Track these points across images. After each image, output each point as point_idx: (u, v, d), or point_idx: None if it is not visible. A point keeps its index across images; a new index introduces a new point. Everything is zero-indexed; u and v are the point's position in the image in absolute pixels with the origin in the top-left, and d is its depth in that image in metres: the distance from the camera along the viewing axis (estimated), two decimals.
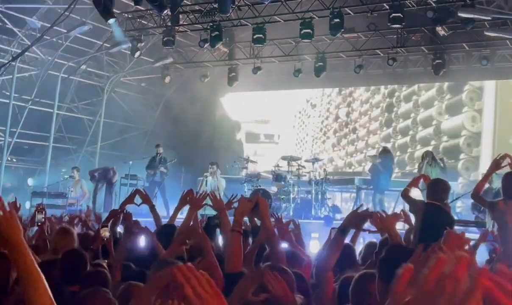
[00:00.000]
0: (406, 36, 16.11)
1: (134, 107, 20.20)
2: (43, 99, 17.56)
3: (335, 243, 3.62)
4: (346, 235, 3.67)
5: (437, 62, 15.80)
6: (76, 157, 19.24)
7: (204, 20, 15.91)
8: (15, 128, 17.12)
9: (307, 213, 14.29)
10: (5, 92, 16.79)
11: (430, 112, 17.27)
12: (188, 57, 19.10)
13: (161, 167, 16.02)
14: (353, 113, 18.76)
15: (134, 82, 20.29)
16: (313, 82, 17.92)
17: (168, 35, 16.18)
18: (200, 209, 5.63)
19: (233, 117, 20.76)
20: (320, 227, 12.02)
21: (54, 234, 5.59)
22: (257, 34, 15.58)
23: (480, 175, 11.71)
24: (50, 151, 17.87)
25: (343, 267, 4.25)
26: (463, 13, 13.18)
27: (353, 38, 16.63)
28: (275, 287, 3.03)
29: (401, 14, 13.59)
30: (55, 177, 17.17)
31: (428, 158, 13.50)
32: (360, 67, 16.81)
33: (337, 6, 14.20)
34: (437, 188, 6.42)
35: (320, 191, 14.51)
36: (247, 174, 15.74)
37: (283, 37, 16.99)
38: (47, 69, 17.36)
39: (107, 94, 19.47)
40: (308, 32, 14.88)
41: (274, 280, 3.06)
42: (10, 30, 15.63)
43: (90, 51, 17.89)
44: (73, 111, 19.17)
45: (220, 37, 15.80)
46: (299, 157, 15.61)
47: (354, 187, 15.13)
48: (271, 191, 15.02)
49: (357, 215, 3.68)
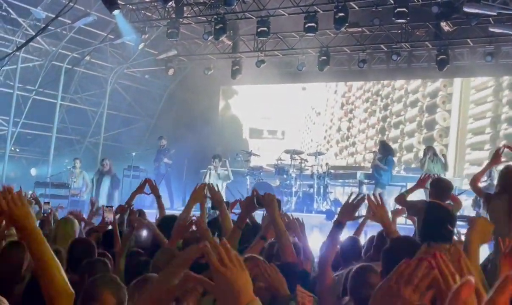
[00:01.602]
0: (410, 31, 16.08)
1: (138, 98, 20.24)
2: (47, 89, 17.58)
3: (332, 237, 3.68)
4: (342, 229, 3.70)
5: (441, 57, 15.76)
6: (79, 148, 19.28)
7: (209, 12, 15.92)
8: (19, 118, 17.16)
9: (309, 207, 14.34)
10: (9, 82, 16.82)
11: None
12: (192, 50, 19.09)
13: (165, 158, 16.09)
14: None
15: (138, 74, 20.30)
16: (316, 76, 17.91)
17: (172, 27, 16.19)
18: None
19: (236, 111, 20.76)
20: (322, 221, 12.09)
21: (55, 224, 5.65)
22: (261, 27, 15.58)
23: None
24: (54, 141, 17.91)
25: (348, 260, 4.28)
26: (468, 9, 13.15)
27: (357, 32, 16.61)
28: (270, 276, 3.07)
29: (406, 9, 13.58)
30: (58, 167, 17.22)
31: (430, 153, 13.49)
32: (364, 62, 16.79)
33: (341, 0, 14.19)
34: (440, 187, 6.44)
35: (322, 185, 14.54)
36: (250, 167, 15.78)
37: (287, 30, 16.98)
38: (51, 60, 17.39)
39: (111, 86, 19.49)
40: (312, 26, 14.87)
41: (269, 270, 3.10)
42: (15, 20, 15.65)
43: (94, 42, 17.90)
44: (77, 102, 19.20)
45: (224, 30, 15.80)
46: (302, 151, 15.62)
47: (356, 181, 15.14)
48: (273, 184, 15.07)
49: (348, 205, 3.73)
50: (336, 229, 3.67)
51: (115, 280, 3.05)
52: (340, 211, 3.78)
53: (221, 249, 1.64)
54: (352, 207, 3.72)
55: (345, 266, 4.05)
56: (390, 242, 3.69)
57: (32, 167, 17.68)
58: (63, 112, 18.61)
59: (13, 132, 17.04)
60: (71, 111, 18.99)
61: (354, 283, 3.29)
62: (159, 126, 19.51)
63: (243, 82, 18.94)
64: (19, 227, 2.23)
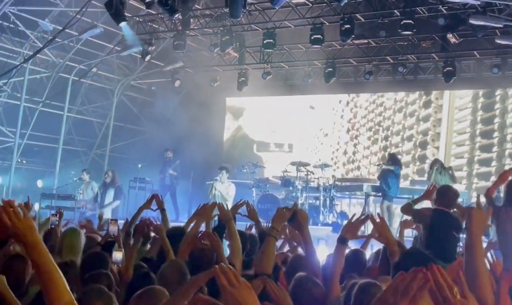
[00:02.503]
0: (416, 43, 16.07)
1: (144, 110, 20.28)
2: (53, 101, 17.65)
3: (337, 253, 3.73)
4: (345, 244, 3.76)
5: (448, 69, 15.73)
6: (86, 160, 19.32)
7: (215, 24, 15.97)
8: (26, 130, 17.21)
9: (315, 219, 14.25)
10: (17, 93, 16.90)
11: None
12: (198, 61, 19.14)
13: (170, 170, 16.07)
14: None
15: (144, 86, 20.36)
16: (322, 88, 17.90)
17: (178, 39, 16.24)
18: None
19: (243, 124, 20.77)
20: (328, 233, 12.02)
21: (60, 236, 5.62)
22: (267, 39, 15.62)
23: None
24: (60, 153, 17.95)
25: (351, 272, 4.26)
26: (474, 21, 13.13)
27: (364, 44, 16.62)
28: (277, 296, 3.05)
29: (412, 20, 13.57)
30: (64, 179, 17.24)
31: (437, 165, 13.43)
32: (370, 74, 16.79)
33: (347, 12, 14.21)
34: (446, 195, 6.40)
35: (328, 197, 14.48)
36: (256, 179, 15.74)
37: (293, 42, 17.00)
38: (58, 72, 17.48)
39: (117, 97, 19.56)
40: (319, 38, 14.89)
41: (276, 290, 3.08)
42: (22, 32, 15.74)
43: (100, 54, 17.98)
44: (83, 114, 19.26)
45: (231, 42, 15.84)
46: (308, 163, 15.57)
47: (362, 194, 15.05)
48: (279, 196, 15.01)
49: (351, 224, 3.78)
50: (340, 245, 3.71)
51: (104, 291, 3.09)
52: (343, 229, 3.82)
53: (230, 272, 1.87)
54: (355, 226, 3.76)
55: (347, 279, 4.03)
56: (400, 256, 3.67)
57: (39, 179, 17.69)
58: (69, 124, 18.67)
59: (20, 143, 17.09)
60: (78, 123, 19.05)
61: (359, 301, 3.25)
62: (164, 138, 19.52)
63: (249, 93, 18.96)
64: (22, 241, 2.20)
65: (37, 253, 2.18)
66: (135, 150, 19.58)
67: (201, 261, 4.26)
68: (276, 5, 13.19)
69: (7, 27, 15.53)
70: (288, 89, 18.93)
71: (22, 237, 2.18)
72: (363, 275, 4.34)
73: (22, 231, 2.17)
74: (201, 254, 4.42)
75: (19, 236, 2.18)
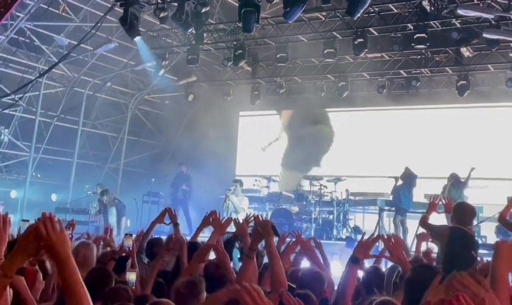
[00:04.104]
0: (430, 57, 16.03)
1: (158, 124, 20.36)
2: (68, 115, 17.80)
3: (349, 273, 3.75)
4: (358, 264, 3.78)
5: (462, 83, 15.65)
6: (100, 174, 19.39)
7: (228, 38, 16.04)
8: (41, 144, 17.35)
9: (329, 234, 14.18)
10: (32, 108, 17.05)
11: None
12: (212, 76, 19.22)
13: (183, 185, 16.09)
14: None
15: (158, 100, 20.46)
16: (335, 102, 17.88)
17: (192, 53, 16.33)
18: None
19: (256, 137, 20.75)
20: (342, 248, 11.93)
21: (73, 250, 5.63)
22: (280, 53, 15.66)
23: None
24: (74, 167, 18.05)
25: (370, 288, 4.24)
26: (488, 34, 13.08)
27: (377, 58, 16.60)
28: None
29: (425, 34, 13.54)
30: (78, 193, 17.33)
31: (453, 179, 13.35)
32: (383, 87, 16.75)
33: (360, 26, 14.22)
34: (464, 213, 6.34)
35: (342, 211, 14.40)
36: (269, 193, 15.70)
37: (306, 56, 17.02)
38: (73, 86, 17.63)
39: (131, 112, 19.67)
40: (331, 52, 14.91)
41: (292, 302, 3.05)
42: (38, 47, 15.91)
43: (115, 68, 18.13)
44: (98, 128, 19.39)
45: (244, 56, 15.89)
46: (321, 177, 15.51)
47: (376, 208, 14.94)
48: (292, 210, 14.96)
49: (362, 244, 3.81)
50: (352, 264, 3.73)
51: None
52: (355, 248, 3.83)
53: (252, 291, 1.96)
54: (367, 246, 3.76)
55: (367, 295, 4.01)
56: (411, 272, 3.65)
57: (53, 193, 17.80)
58: (84, 138, 18.79)
59: (35, 157, 17.22)
60: (92, 137, 19.17)
61: None
62: (178, 152, 19.58)
63: (262, 107, 18.98)
64: (54, 255, 2.21)
65: (68, 270, 2.19)
66: (149, 164, 19.63)
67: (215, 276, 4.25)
68: (289, 20, 13.21)
69: (23, 42, 15.71)
70: (301, 103, 18.89)
71: (55, 251, 2.19)
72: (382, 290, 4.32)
73: (56, 243, 2.18)
74: (215, 269, 4.40)
75: (52, 249, 2.19)
